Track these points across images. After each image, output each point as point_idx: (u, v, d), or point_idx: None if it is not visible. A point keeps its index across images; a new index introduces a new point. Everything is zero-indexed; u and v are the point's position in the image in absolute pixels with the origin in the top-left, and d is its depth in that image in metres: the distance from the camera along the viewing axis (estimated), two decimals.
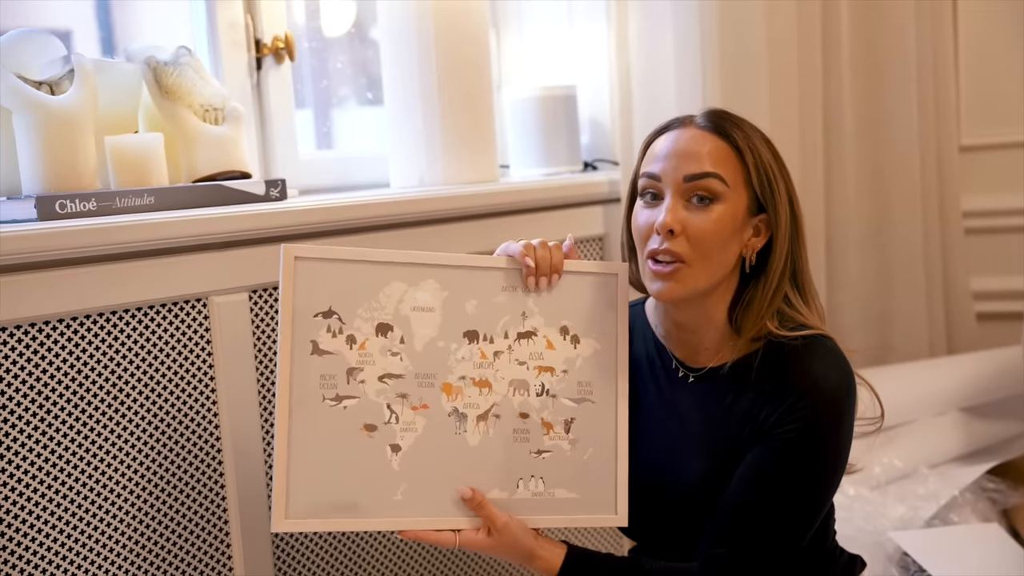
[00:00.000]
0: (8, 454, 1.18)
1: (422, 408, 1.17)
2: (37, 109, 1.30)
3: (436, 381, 1.17)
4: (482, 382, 1.19)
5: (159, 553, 1.31)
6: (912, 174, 2.49)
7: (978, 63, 2.62)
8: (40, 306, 1.19)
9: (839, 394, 1.19)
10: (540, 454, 1.20)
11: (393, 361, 1.16)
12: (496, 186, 1.74)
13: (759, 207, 1.22)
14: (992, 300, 2.63)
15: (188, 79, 1.46)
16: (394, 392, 1.16)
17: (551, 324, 1.21)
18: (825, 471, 1.21)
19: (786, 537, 1.20)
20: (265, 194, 1.47)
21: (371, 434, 1.15)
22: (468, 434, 1.18)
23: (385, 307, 1.16)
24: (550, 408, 1.21)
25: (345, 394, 1.14)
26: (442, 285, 1.18)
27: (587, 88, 2.09)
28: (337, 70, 2.06)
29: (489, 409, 1.19)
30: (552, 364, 1.21)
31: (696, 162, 1.19)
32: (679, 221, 1.18)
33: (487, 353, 1.19)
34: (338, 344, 1.14)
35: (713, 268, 1.19)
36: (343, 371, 1.14)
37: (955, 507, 1.90)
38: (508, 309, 1.20)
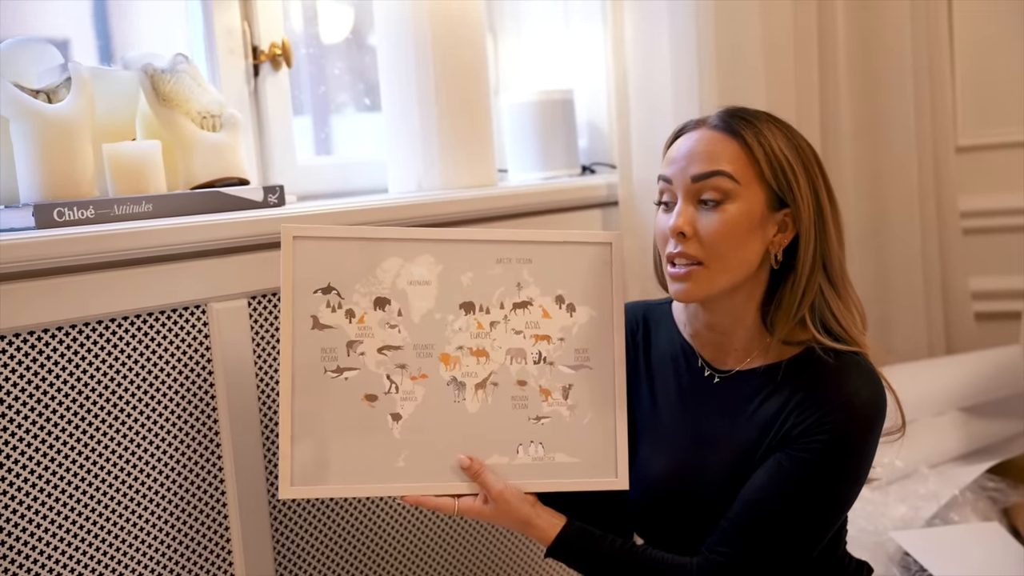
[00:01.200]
0: (7, 463, 1.18)
1: (421, 378, 1.20)
2: (34, 117, 1.30)
3: (434, 351, 1.21)
4: (479, 351, 1.22)
5: (159, 560, 1.31)
6: (909, 175, 2.49)
7: (974, 64, 2.63)
8: (38, 314, 1.19)
9: (869, 411, 1.19)
10: (539, 420, 1.23)
11: (391, 333, 1.20)
12: (494, 190, 1.75)
13: (781, 202, 1.20)
14: (990, 300, 2.64)
15: (185, 86, 1.46)
16: (393, 363, 1.20)
17: (547, 293, 1.25)
18: (844, 485, 1.20)
19: (793, 547, 1.20)
20: (263, 200, 1.47)
21: (372, 404, 1.19)
22: (467, 402, 1.21)
23: (382, 281, 1.20)
24: (548, 375, 1.24)
25: (346, 366, 1.18)
26: (437, 259, 1.22)
27: (584, 92, 2.10)
28: (335, 76, 2.06)
29: (487, 378, 1.22)
30: (548, 332, 1.24)
31: (703, 162, 1.18)
32: (689, 223, 1.18)
33: (483, 323, 1.22)
34: (337, 318, 1.18)
35: (731, 268, 1.18)
36: (343, 344, 1.19)
37: (955, 506, 1.91)
38: (503, 280, 1.23)
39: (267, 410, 1.41)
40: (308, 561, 1.47)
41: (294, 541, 1.45)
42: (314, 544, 1.48)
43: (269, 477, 1.41)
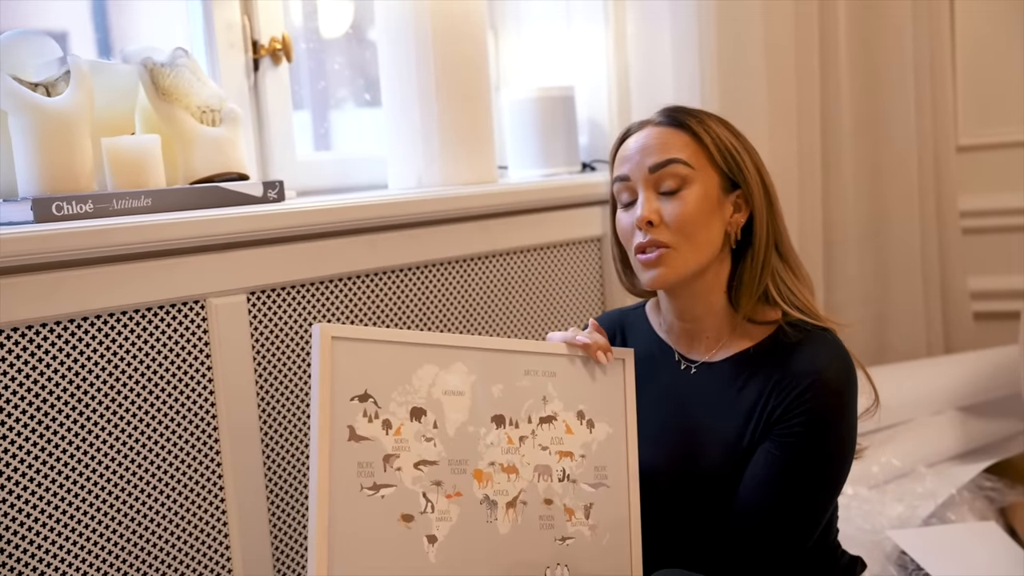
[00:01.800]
0: (6, 457, 1.18)
1: (455, 496, 1.13)
2: (33, 111, 1.29)
3: (468, 467, 1.14)
4: (510, 468, 1.16)
5: (157, 555, 1.31)
6: (909, 174, 2.49)
7: (975, 63, 2.63)
8: (37, 308, 1.19)
9: (841, 384, 1.22)
10: (564, 541, 1.19)
11: (427, 447, 1.12)
12: (494, 187, 1.74)
13: (732, 184, 1.26)
14: (989, 299, 2.64)
15: (185, 80, 1.45)
16: (429, 480, 1.11)
17: (569, 408, 1.21)
18: (834, 461, 1.23)
19: (800, 530, 1.22)
20: (263, 195, 1.47)
21: (408, 525, 1.10)
22: (499, 522, 1.15)
23: (418, 390, 1.13)
24: (571, 494, 1.20)
25: (382, 483, 1.09)
26: (469, 368, 1.16)
27: (585, 89, 2.09)
28: (335, 71, 2.06)
29: (517, 496, 1.16)
30: (571, 449, 1.21)
31: (658, 152, 1.24)
32: (655, 212, 1.23)
33: (513, 438, 1.17)
34: (374, 429, 1.10)
35: (699, 248, 1.23)
36: (380, 458, 1.09)
37: (952, 505, 1.91)
38: (530, 393, 1.19)
39: (265, 405, 1.41)
40: (304, 555, 1.47)
41: (293, 537, 1.45)
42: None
43: (267, 473, 1.41)
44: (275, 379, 1.42)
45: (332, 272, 1.47)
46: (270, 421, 1.42)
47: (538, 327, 1.79)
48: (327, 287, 1.48)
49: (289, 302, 1.43)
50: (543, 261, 1.80)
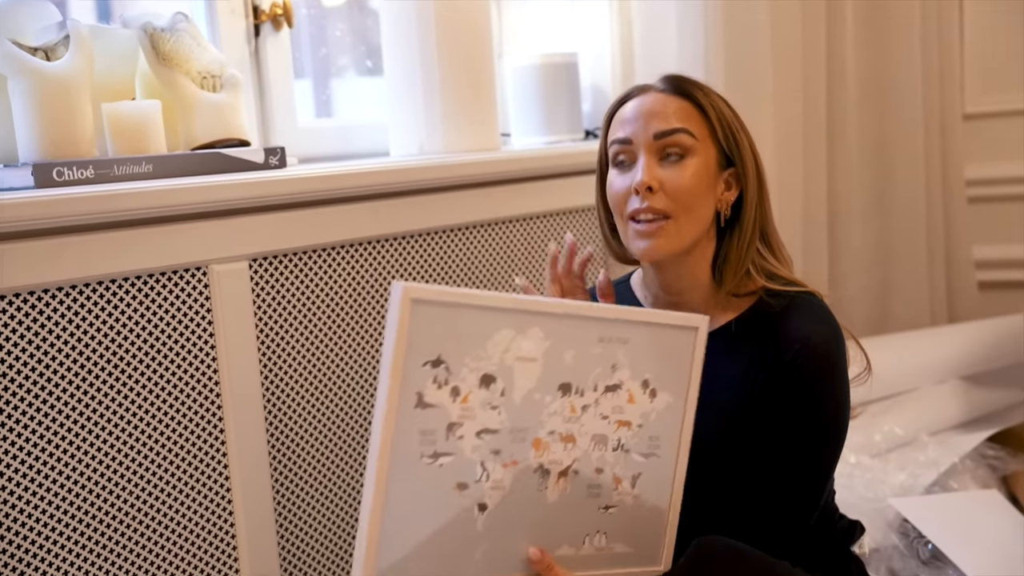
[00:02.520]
0: (9, 422, 1.18)
1: (511, 464, 1.10)
2: (33, 75, 1.28)
3: (528, 436, 1.11)
4: (568, 437, 1.13)
5: (160, 521, 1.31)
6: (915, 142, 2.47)
7: (982, 31, 2.60)
8: (38, 274, 1.18)
9: (830, 347, 1.21)
10: (607, 509, 1.17)
11: (492, 416, 1.08)
12: (497, 154, 1.73)
13: (727, 162, 1.25)
14: (994, 269, 2.63)
15: (185, 46, 1.44)
16: (488, 448, 1.08)
17: (635, 377, 1.17)
18: (832, 424, 1.22)
19: (805, 498, 1.22)
20: (264, 162, 1.46)
21: (462, 493, 1.07)
22: (548, 491, 1.12)
23: (491, 356, 1.07)
24: (622, 463, 1.17)
25: (442, 451, 1.06)
26: (546, 334, 1.11)
27: (589, 55, 2.07)
28: (336, 38, 2.04)
29: (570, 465, 1.14)
30: (630, 418, 1.17)
31: (664, 119, 1.22)
32: (656, 178, 1.21)
33: (576, 407, 1.13)
34: (442, 396, 1.05)
35: (695, 221, 1.22)
36: (444, 426, 1.05)
37: (955, 474, 1.91)
38: (601, 360, 1.15)
39: (268, 372, 1.41)
40: (307, 519, 1.47)
41: (294, 502, 1.46)
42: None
43: (270, 440, 1.41)
44: (278, 346, 1.42)
45: (334, 239, 1.47)
46: (272, 388, 1.42)
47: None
48: (329, 254, 1.47)
49: (291, 269, 1.43)
50: (546, 229, 1.79)
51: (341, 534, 1.51)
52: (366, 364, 1.52)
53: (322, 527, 1.49)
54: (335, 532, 1.50)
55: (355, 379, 1.51)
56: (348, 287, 1.50)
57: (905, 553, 1.69)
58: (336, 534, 1.50)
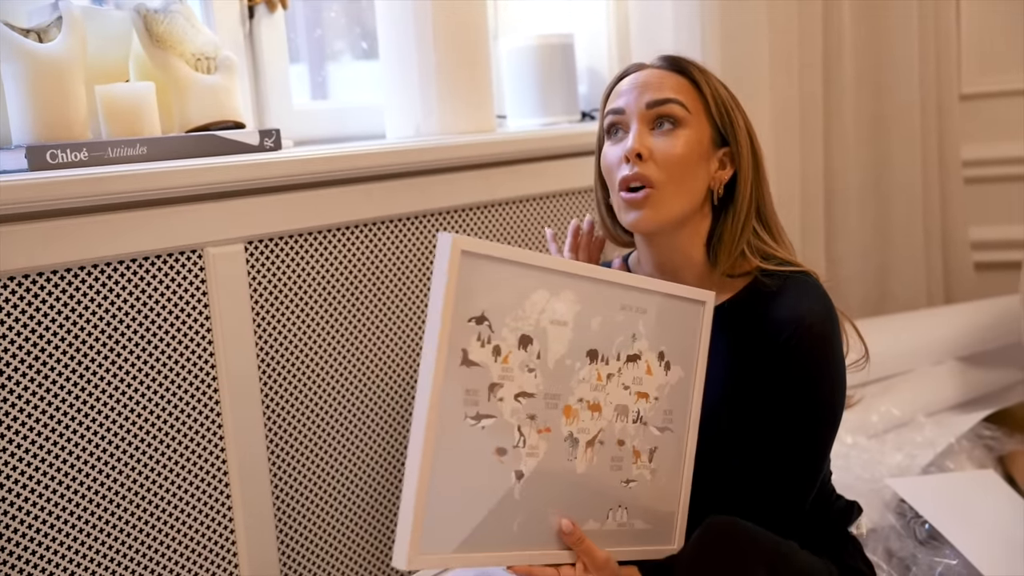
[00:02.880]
0: (5, 406, 1.18)
1: (545, 431, 1.09)
2: (25, 57, 1.27)
3: (560, 402, 1.10)
4: (595, 405, 1.13)
5: (157, 505, 1.31)
6: (912, 123, 2.47)
7: (979, 11, 2.59)
8: (32, 257, 1.18)
9: (825, 328, 1.21)
10: (628, 483, 1.16)
11: (529, 378, 1.07)
12: (493, 136, 1.73)
13: (722, 141, 1.25)
14: (991, 249, 2.63)
15: (179, 27, 1.43)
16: (525, 412, 1.07)
17: (653, 348, 1.17)
18: (828, 405, 1.22)
19: (802, 479, 1.22)
20: (259, 144, 1.45)
21: (502, 459, 1.06)
22: (577, 461, 1.12)
23: (529, 317, 1.06)
24: (641, 436, 1.17)
25: (485, 412, 1.04)
26: (577, 297, 1.10)
27: (585, 37, 2.07)
28: (331, 19, 2.03)
29: (596, 435, 1.13)
30: (648, 390, 1.17)
31: (657, 90, 1.23)
32: (646, 146, 1.21)
33: (602, 375, 1.13)
34: (485, 355, 1.03)
35: (684, 193, 1.22)
36: (486, 386, 1.04)
37: (951, 454, 1.92)
38: (623, 329, 1.14)
39: (264, 355, 1.41)
40: (304, 502, 1.48)
41: (291, 484, 1.46)
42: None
43: (267, 423, 1.41)
44: (274, 328, 1.42)
45: (330, 221, 1.46)
46: (269, 371, 1.41)
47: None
48: (325, 236, 1.47)
49: (287, 251, 1.43)
50: (542, 210, 1.79)
51: (339, 516, 1.51)
52: (363, 347, 1.52)
53: (320, 512, 1.49)
54: (334, 516, 1.50)
55: (353, 362, 1.51)
56: (344, 269, 1.50)
57: (902, 533, 1.70)
58: (335, 519, 1.51)
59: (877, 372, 2.18)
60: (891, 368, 2.20)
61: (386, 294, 1.55)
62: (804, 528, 1.25)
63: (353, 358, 1.51)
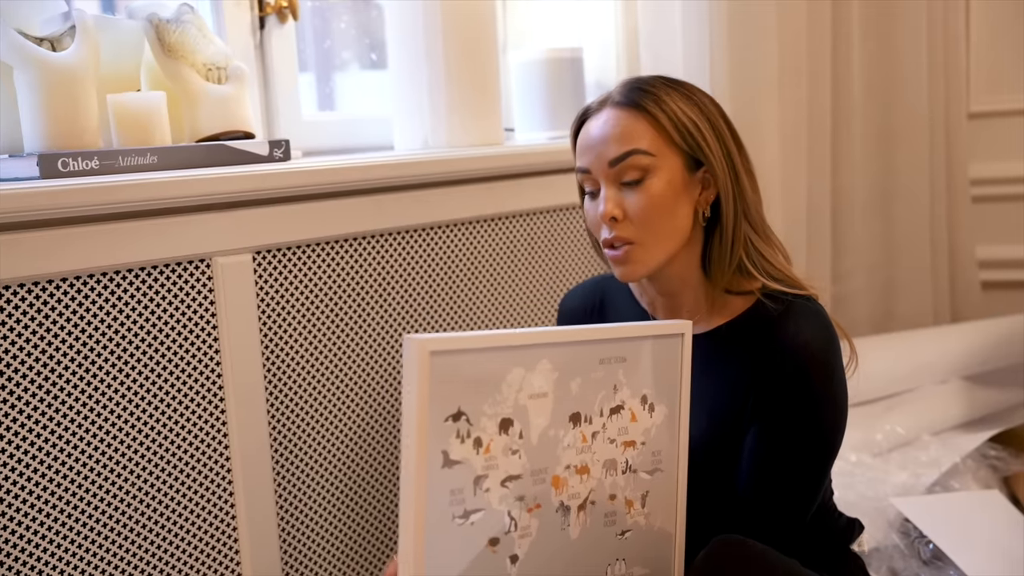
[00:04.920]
0: (13, 412, 1.18)
1: (535, 508, 1.08)
2: (38, 65, 1.28)
3: (547, 475, 1.08)
4: (582, 468, 1.11)
5: (162, 513, 1.31)
6: (920, 140, 2.47)
7: (988, 29, 2.60)
8: (42, 265, 1.18)
9: (826, 355, 1.21)
10: (624, 535, 1.16)
11: (513, 460, 1.05)
12: (501, 149, 1.73)
13: (697, 163, 1.23)
14: (998, 269, 2.63)
15: (191, 37, 1.44)
16: (513, 496, 1.06)
17: (635, 395, 1.16)
18: (829, 430, 1.22)
19: (803, 502, 1.22)
20: (269, 155, 1.46)
21: (495, 549, 1.05)
22: (571, 528, 1.11)
23: (507, 399, 1.04)
24: (632, 484, 1.16)
25: (472, 508, 1.03)
26: (553, 365, 1.08)
27: (593, 50, 2.07)
28: (340, 30, 2.03)
29: (587, 497, 1.12)
30: (634, 437, 1.16)
31: (616, 143, 1.21)
32: (618, 207, 1.21)
33: (587, 436, 1.11)
34: (466, 451, 1.02)
35: (665, 239, 1.22)
36: (471, 481, 1.02)
37: (956, 474, 1.91)
38: (604, 383, 1.13)
39: (271, 365, 1.41)
40: (311, 521, 1.48)
41: (295, 496, 1.46)
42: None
43: (272, 433, 1.41)
44: (281, 339, 1.42)
45: (338, 232, 1.47)
46: (275, 381, 1.42)
47: (544, 291, 1.78)
48: (333, 247, 1.47)
49: (295, 262, 1.43)
50: (550, 224, 1.79)
51: (344, 528, 1.51)
52: (369, 358, 1.52)
53: (324, 522, 1.49)
54: (337, 527, 1.50)
55: (358, 373, 1.51)
56: (352, 281, 1.50)
57: (906, 553, 1.69)
58: (338, 528, 1.51)
59: (883, 390, 2.18)
60: (896, 386, 2.19)
61: (393, 306, 1.55)
62: (806, 546, 1.24)
63: (359, 369, 1.51)
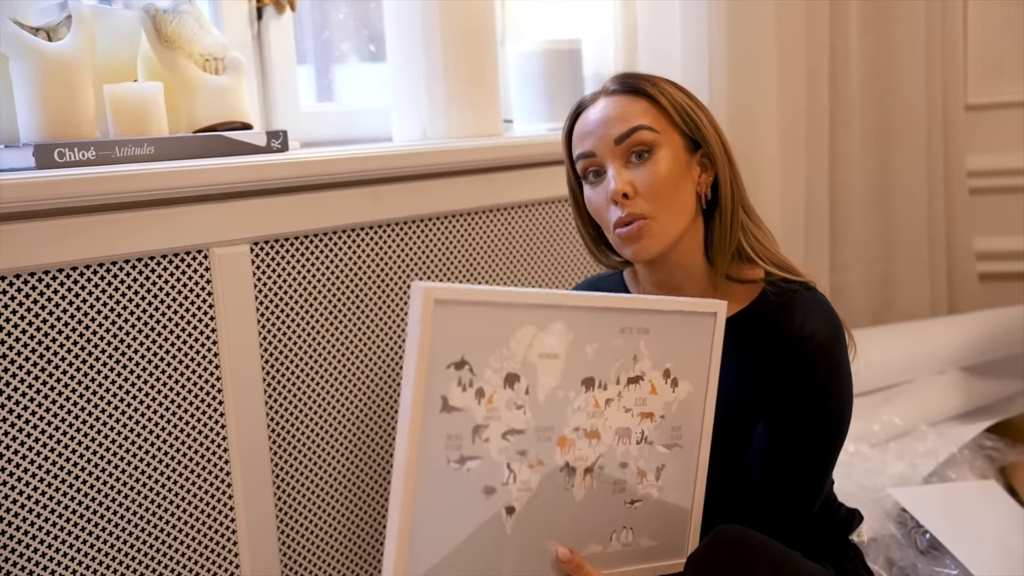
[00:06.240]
0: (9, 403, 1.18)
1: (538, 465, 1.08)
2: (34, 55, 1.28)
3: (553, 435, 1.08)
4: (592, 432, 1.11)
5: (159, 503, 1.31)
6: (918, 132, 2.47)
7: (986, 21, 2.59)
8: (39, 255, 1.18)
9: (834, 345, 1.22)
10: (633, 504, 1.16)
11: (517, 415, 1.06)
12: (499, 140, 1.73)
13: (694, 145, 1.25)
14: (995, 260, 2.63)
15: (188, 27, 1.44)
16: (515, 449, 1.06)
17: (657, 367, 1.15)
18: (837, 418, 1.23)
19: (811, 491, 1.23)
20: (266, 145, 1.46)
21: (489, 497, 1.05)
22: (575, 489, 1.11)
23: (515, 354, 1.05)
24: (646, 456, 1.16)
25: (469, 455, 1.03)
26: (568, 327, 1.08)
27: (592, 41, 2.07)
28: (339, 22, 2.03)
29: (595, 461, 1.12)
30: (653, 410, 1.16)
31: (620, 122, 1.22)
32: (628, 183, 1.20)
33: (600, 401, 1.12)
34: (467, 399, 1.03)
35: (677, 213, 1.22)
36: (469, 429, 1.03)
37: (953, 464, 1.92)
38: (623, 352, 1.12)
39: (269, 356, 1.41)
40: (310, 506, 1.48)
41: (294, 486, 1.46)
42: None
43: (271, 424, 1.41)
44: (278, 330, 1.42)
45: (336, 224, 1.46)
46: (273, 372, 1.42)
47: (542, 282, 1.78)
48: (331, 238, 1.47)
49: (293, 253, 1.43)
50: (548, 215, 1.79)
51: (341, 519, 1.51)
52: (367, 349, 1.52)
53: (323, 515, 1.49)
54: (336, 520, 1.51)
55: (356, 364, 1.51)
56: (349, 272, 1.50)
57: (903, 543, 1.70)
58: (338, 521, 1.51)
59: (880, 381, 2.18)
60: (894, 377, 2.20)
61: (391, 297, 1.55)
62: (806, 536, 1.25)
63: (357, 360, 1.51)
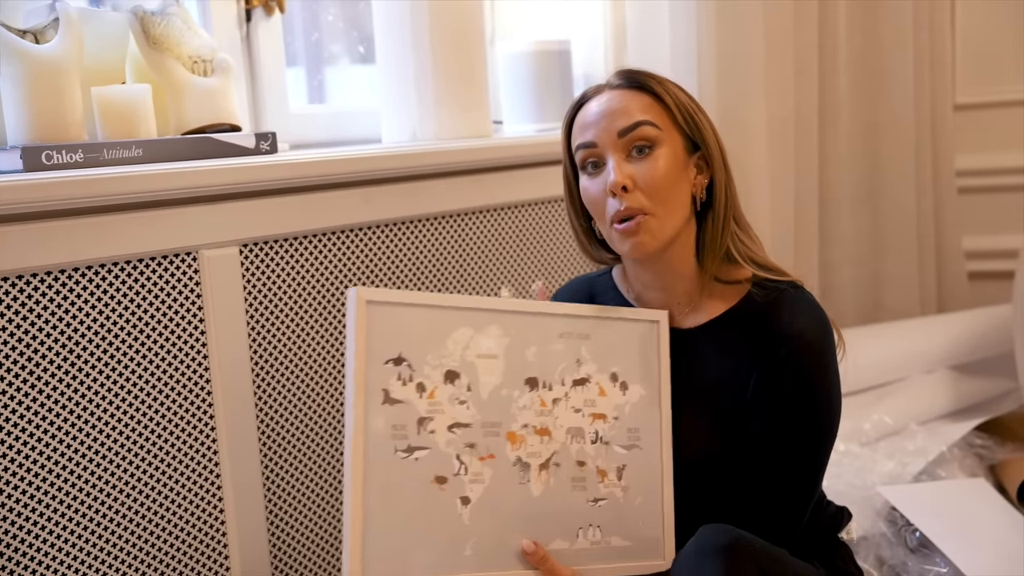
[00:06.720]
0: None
1: (488, 458, 1.14)
2: (21, 58, 1.28)
3: (501, 430, 1.15)
4: (542, 430, 1.17)
5: (149, 505, 1.31)
6: (906, 132, 2.48)
7: (974, 21, 2.61)
8: (26, 258, 1.18)
9: (822, 343, 1.22)
10: (596, 502, 1.20)
11: (461, 410, 1.13)
12: (489, 141, 1.73)
13: (693, 146, 1.25)
14: (984, 259, 2.64)
15: (176, 29, 1.43)
16: (462, 442, 1.13)
17: (602, 371, 1.21)
18: (826, 416, 1.23)
19: (805, 489, 1.23)
20: (255, 147, 1.46)
21: (442, 487, 1.11)
22: (531, 484, 1.16)
23: (452, 353, 1.13)
24: (604, 455, 1.21)
25: (416, 445, 1.10)
26: (504, 331, 1.16)
27: (581, 42, 2.07)
28: (328, 23, 2.03)
29: (550, 458, 1.18)
30: (604, 411, 1.21)
31: (624, 116, 1.21)
32: (628, 176, 1.20)
33: (546, 400, 1.18)
34: (408, 392, 1.11)
35: (674, 210, 1.22)
36: (414, 421, 1.10)
37: (943, 463, 1.92)
38: (564, 356, 1.20)
39: (258, 358, 1.41)
40: (298, 506, 1.48)
41: (283, 487, 1.46)
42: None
43: (260, 425, 1.41)
44: (268, 331, 1.42)
45: (325, 225, 1.46)
46: (262, 373, 1.42)
47: (532, 283, 1.78)
48: (320, 240, 1.47)
49: (282, 254, 1.43)
50: (537, 216, 1.79)
51: (331, 520, 1.51)
52: None
53: (312, 513, 1.49)
54: (324, 518, 1.50)
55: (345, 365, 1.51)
56: (339, 273, 1.50)
57: (893, 541, 1.70)
58: (326, 520, 1.51)
59: (870, 380, 2.19)
60: (884, 376, 2.20)
61: None
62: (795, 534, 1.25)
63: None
